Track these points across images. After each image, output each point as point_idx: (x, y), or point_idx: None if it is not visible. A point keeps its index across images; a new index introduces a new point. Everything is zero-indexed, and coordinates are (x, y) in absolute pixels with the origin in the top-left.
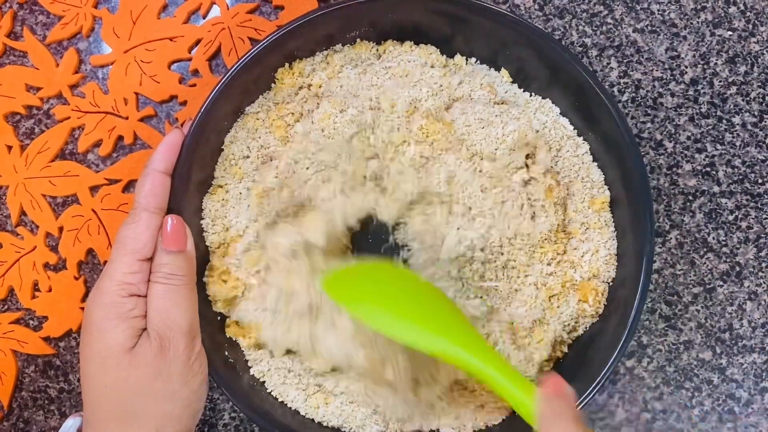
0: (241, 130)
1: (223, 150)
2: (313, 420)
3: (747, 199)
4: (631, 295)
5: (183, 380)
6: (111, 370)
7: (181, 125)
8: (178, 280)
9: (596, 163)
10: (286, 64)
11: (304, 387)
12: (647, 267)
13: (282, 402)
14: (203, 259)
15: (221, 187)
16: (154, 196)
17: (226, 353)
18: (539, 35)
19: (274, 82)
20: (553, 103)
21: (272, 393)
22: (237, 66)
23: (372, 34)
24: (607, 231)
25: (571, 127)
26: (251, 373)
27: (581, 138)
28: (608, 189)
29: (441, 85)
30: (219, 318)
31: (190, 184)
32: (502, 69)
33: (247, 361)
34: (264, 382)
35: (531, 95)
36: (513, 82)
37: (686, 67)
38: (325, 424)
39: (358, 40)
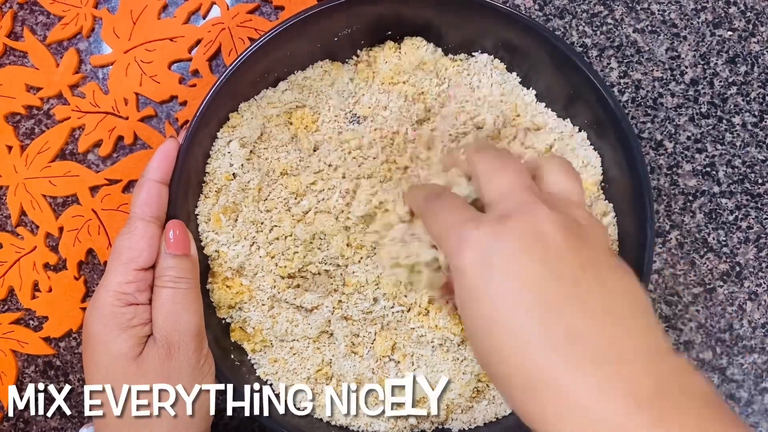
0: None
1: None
2: (321, 420)
3: (747, 199)
4: None
5: (193, 383)
6: (118, 379)
7: (181, 126)
8: (185, 284)
9: (592, 146)
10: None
11: (312, 387)
12: (647, 267)
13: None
14: (203, 266)
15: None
16: (149, 205)
17: (232, 356)
18: (538, 30)
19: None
20: (553, 97)
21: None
22: (231, 68)
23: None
24: (608, 217)
25: (571, 125)
26: (257, 375)
27: (576, 127)
28: (602, 173)
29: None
30: (223, 322)
31: (189, 191)
32: (496, 60)
33: (253, 364)
34: (271, 384)
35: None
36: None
37: (686, 67)
38: (333, 423)
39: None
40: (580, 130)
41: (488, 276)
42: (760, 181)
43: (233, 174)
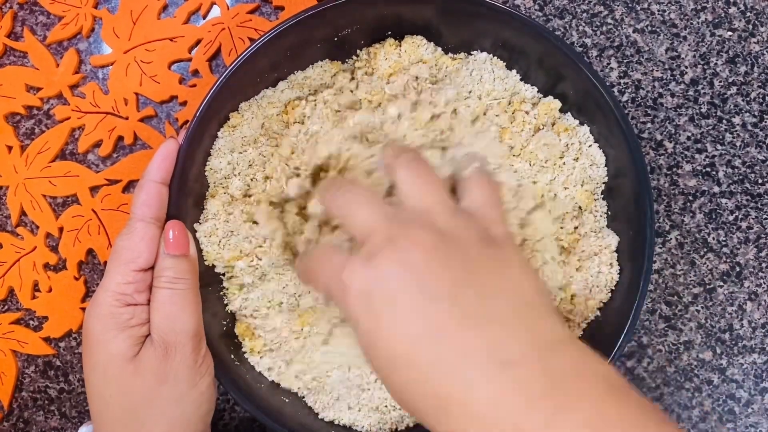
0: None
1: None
2: (323, 420)
3: (747, 200)
4: (630, 297)
5: (191, 383)
6: (114, 379)
7: (181, 126)
8: (183, 284)
9: (597, 144)
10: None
11: (313, 386)
12: (647, 267)
13: (290, 402)
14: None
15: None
16: (149, 206)
17: (232, 356)
18: (536, 29)
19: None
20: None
21: (280, 394)
22: (231, 68)
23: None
24: (606, 229)
25: (572, 118)
26: (258, 371)
27: (577, 121)
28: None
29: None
30: (227, 320)
31: (190, 192)
32: (495, 58)
33: (253, 365)
34: (272, 381)
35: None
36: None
37: (686, 67)
38: (336, 422)
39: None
40: (582, 124)
41: (376, 319)
42: (760, 181)
43: (233, 173)
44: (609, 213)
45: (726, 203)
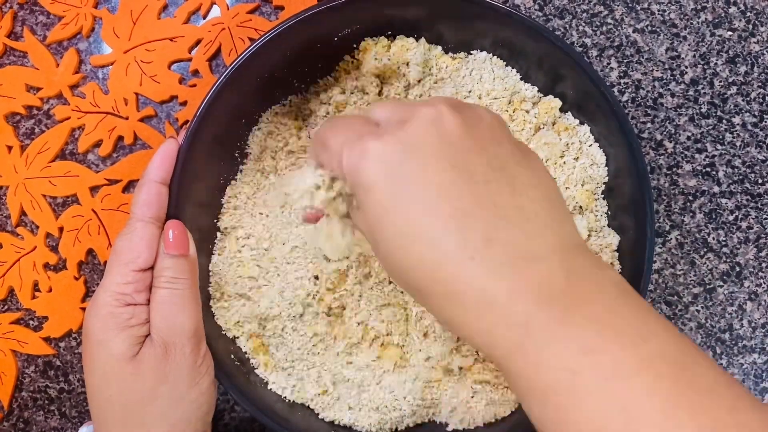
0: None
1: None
2: (323, 420)
3: (747, 200)
4: None
5: (191, 383)
6: (114, 379)
7: (181, 126)
8: (182, 284)
9: (598, 144)
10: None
11: (314, 386)
12: (647, 267)
13: (291, 402)
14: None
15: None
16: (149, 206)
17: (232, 356)
18: (535, 28)
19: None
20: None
21: (281, 394)
22: (231, 68)
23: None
24: (606, 225)
25: (572, 117)
26: (257, 374)
27: (577, 120)
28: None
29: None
30: (231, 336)
31: (190, 190)
32: (495, 57)
33: (254, 367)
34: (275, 382)
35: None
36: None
37: (686, 67)
38: (336, 422)
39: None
40: (582, 123)
41: (399, 189)
42: (760, 181)
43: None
44: (609, 212)
45: (726, 203)
